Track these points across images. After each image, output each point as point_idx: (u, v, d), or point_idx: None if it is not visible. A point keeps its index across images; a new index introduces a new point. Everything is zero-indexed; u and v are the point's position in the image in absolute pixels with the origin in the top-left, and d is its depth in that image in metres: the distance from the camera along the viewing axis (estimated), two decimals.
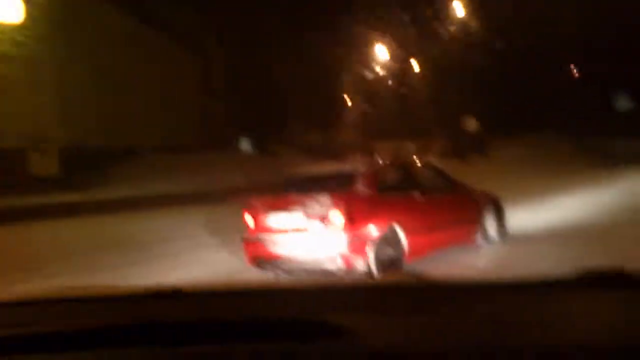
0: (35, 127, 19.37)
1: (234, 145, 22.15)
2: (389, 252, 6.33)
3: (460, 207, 7.70)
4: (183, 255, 8.82)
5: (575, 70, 26.31)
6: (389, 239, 6.36)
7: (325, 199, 6.14)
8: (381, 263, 6.17)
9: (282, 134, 27.79)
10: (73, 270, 7.84)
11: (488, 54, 27.25)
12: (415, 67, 34.96)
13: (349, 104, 40.78)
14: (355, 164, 7.49)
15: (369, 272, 6.08)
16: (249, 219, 6.69)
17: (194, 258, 8.55)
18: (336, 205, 6.08)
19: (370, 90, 37.61)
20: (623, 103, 17.84)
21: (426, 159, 11.15)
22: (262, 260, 6.55)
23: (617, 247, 6.63)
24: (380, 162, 8.34)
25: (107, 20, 22.51)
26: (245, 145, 21.69)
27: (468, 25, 28.37)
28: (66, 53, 19.99)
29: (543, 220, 9.57)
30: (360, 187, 6.48)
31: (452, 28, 29.12)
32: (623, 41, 20.53)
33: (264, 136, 24.68)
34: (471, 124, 21.27)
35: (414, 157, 13.99)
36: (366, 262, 6.08)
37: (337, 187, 6.46)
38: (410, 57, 34.18)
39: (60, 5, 19.89)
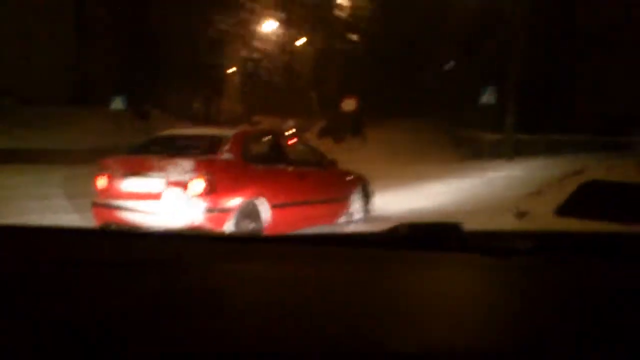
0: None
1: (106, 102, 20.85)
2: (250, 225, 6.09)
3: (329, 185, 7.61)
4: (32, 215, 8.16)
5: (450, 63, 27.32)
6: (251, 212, 6.11)
7: (186, 163, 5.76)
8: None
9: (160, 97, 26.70)
10: None
11: (369, 40, 27.75)
12: (300, 46, 34.97)
13: (234, 77, 40.16)
14: (223, 130, 7.09)
15: None
16: (101, 181, 6.19)
17: (43, 220, 7.91)
18: (197, 171, 5.72)
19: (254, 65, 37.26)
20: (487, 98, 18.66)
21: (300, 135, 11.05)
22: (112, 226, 6.08)
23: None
24: (250, 129, 8.07)
25: None
26: (118, 104, 20.52)
27: (352, 9, 28.66)
28: None
29: (408, 203, 9.76)
30: (226, 154, 6.14)
31: (336, 12, 29.32)
32: (496, 38, 21.47)
33: (140, 97, 23.50)
34: (350, 106, 21.41)
35: (287, 131, 13.86)
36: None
37: (201, 151, 6.09)
38: (296, 38, 34.15)
39: None
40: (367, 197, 8.22)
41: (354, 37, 28.20)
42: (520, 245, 1.07)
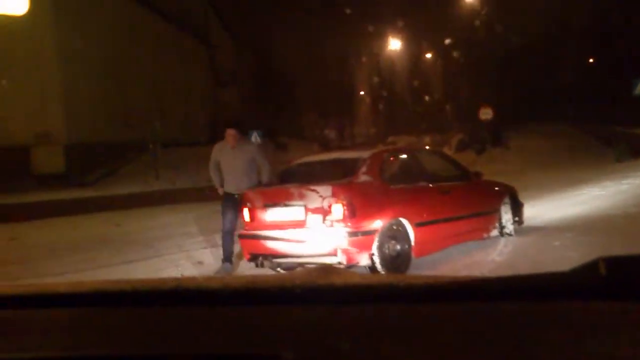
0: (40, 124, 19.11)
1: (244, 138, 21.60)
2: (395, 246, 5.83)
3: (475, 199, 7.17)
4: (180, 254, 8.41)
5: (590, 59, 25.72)
6: (395, 233, 5.85)
7: (325, 189, 5.63)
8: (386, 258, 5.68)
9: (294, 127, 27.34)
10: (65, 269, 7.46)
11: (502, 46, 26.92)
12: (431, 61, 34.44)
13: (366, 100, 40.22)
14: (359, 152, 6.89)
15: (374, 268, 5.61)
16: (245, 213, 6.21)
17: (192, 256, 8.14)
18: (336, 196, 5.56)
19: (386, 86, 37.09)
20: None
21: (439, 149, 10.68)
22: (260, 256, 6.06)
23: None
24: (386, 149, 7.84)
25: (113, 12, 22.12)
26: (255, 138, 21.17)
27: (482, 17, 27.86)
28: (72, 46, 19.60)
29: (563, 210, 9.07)
30: (363, 176, 5.94)
31: (468, 19, 28.66)
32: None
33: (275, 129, 24.15)
34: (487, 114, 20.58)
35: (426, 146, 13.48)
36: (370, 258, 5.58)
37: (338, 176, 5.94)
38: (426, 52, 33.70)
39: None
40: (516, 207, 7.68)
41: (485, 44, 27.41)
42: None
